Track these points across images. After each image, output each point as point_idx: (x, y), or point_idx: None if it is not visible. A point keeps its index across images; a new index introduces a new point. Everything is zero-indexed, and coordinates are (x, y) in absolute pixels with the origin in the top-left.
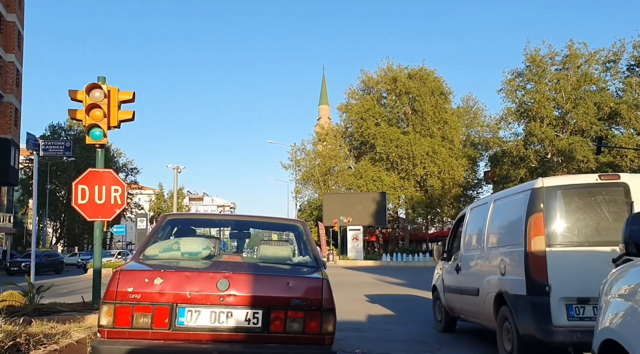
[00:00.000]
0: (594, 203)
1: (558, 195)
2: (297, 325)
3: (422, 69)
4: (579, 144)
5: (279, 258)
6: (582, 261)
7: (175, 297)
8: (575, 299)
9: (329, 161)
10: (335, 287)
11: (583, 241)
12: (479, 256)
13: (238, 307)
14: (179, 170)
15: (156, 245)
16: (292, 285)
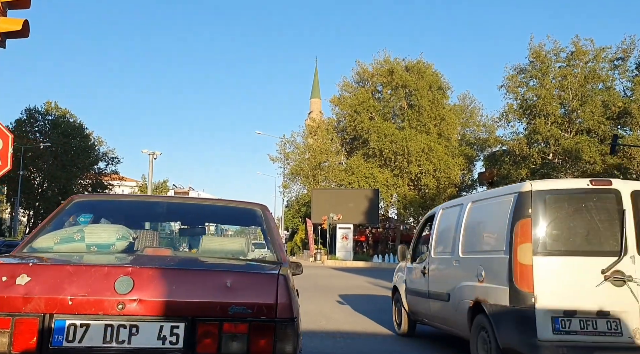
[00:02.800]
0: (585, 209)
1: (547, 200)
2: (239, 345)
3: (420, 62)
4: (586, 144)
5: (227, 252)
6: (570, 272)
7: (49, 303)
8: (562, 312)
9: (319, 155)
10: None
11: (572, 250)
12: (451, 260)
13: (146, 319)
14: (154, 156)
15: (51, 234)
16: (231, 285)
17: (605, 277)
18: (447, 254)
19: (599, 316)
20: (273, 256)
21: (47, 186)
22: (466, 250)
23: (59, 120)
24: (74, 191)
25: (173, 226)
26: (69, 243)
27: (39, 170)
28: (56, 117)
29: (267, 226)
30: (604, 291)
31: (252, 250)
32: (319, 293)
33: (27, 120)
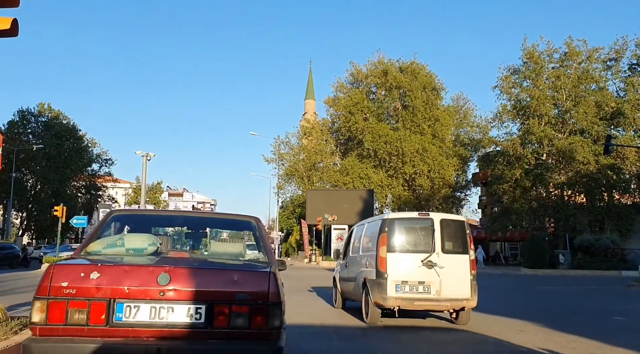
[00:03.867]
0: (414, 228)
1: (395, 223)
2: (242, 320)
3: (414, 63)
4: (580, 144)
5: (230, 255)
6: (405, 261)
7: (112, 292)
8: (400, 281)
9: (314, 156)
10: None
11: (406, 250)
12: (357, 257)
13: (179, 302)
14: (148, 157)
15: (99, 241)
16: (237, 279)
17: (422, 263)
18: (355, 253)
19: (419, 284)
20: (265, 257)
21: (40, 188)
22: (362, 251)
23: (52, 122)
24: (67, 193)
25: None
26: (113, 248)
27: (31, 172)
28: (49, 119)
29: (259, 234)
30: (422, 271)
31: (247, 251)
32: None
33: (20, 121)
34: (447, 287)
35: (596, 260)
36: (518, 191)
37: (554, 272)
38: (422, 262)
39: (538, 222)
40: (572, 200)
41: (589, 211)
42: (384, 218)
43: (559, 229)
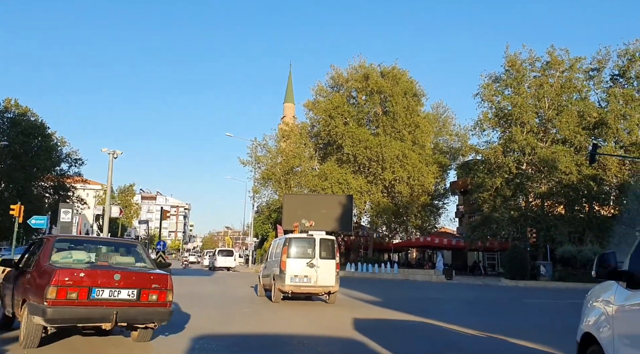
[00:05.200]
0: (303, 243)
1: (292, 240)
2: (155, 297)
3: (395, 68)
4: (562, 153)
5: (128, 263)
6: (296, 263)
7: (91, 283)
8: (294, 275)
9: (292, 159)
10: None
11: (297, 256)
12: (271, 262)
13: (124, 288)
14: (115, 155)
15: (57, 254)
16: (152, 277)
17: (307, 265)
18: (271, 259)
19: (304, 277)
20: (152, 266)
21: (4, 187)
22: (274, 257)
23: (19, 119)
24: (33, 193)
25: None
26: (66, 259)
27: None
28: (16, 115)
29: (142, 251)
30: (307, 269)
31: (135, 261)
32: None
33: None
34: (321, 279)
35: (578, 272)
36: (498, 200)
37: (535, 284)
38: (307, 264)
39: (518, 232)
40: (551, 210)
41: (570, 222)
42: (287, 237)
43: (539, 240)
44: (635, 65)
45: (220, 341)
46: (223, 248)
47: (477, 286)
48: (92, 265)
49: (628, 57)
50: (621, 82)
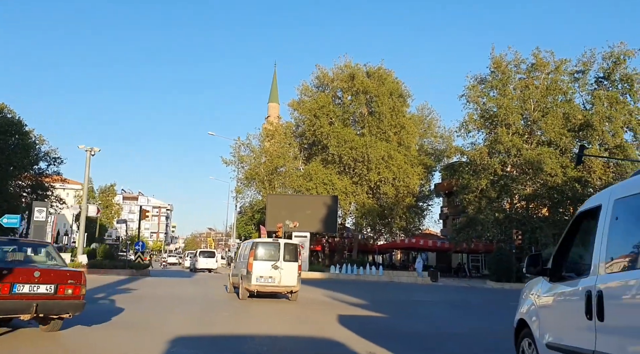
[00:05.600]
0: (269, 247)
1: (259, 244)
2: (71, 291)
3: (381, 69)
4: (547, 155)
5: (42, 262)
6: (262, 265)
7: (13, 279)
8: (260, 276)
9: (276, 159)
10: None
11: (263, 259)
12: (240, 263)
13: (43, 284)
14: (92, 152)
15: None
16: (69, 274)
17: (272, 267)
18: (239, 260)
19: (269, 277)
20: (63, 263)
21: None
22: (242, 259)
23: None
24: (9, 192)
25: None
26: None
27: None
28: None
29: (53, 250)
30: (271, 270)
31: (47, 259)
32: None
33: None
34: (284, 279)
35: None
36: (484, 201)
37: (521, 286)
38: (272, 266)
39: (503, 234)
40: (536, 212)
41: (555, 224)
42: (254, 241)
43: (524, 241)
44: (619, 67)
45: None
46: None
47: (463, 288)
48: (12, 263)
49: (613, 60)
50: (606, 85)
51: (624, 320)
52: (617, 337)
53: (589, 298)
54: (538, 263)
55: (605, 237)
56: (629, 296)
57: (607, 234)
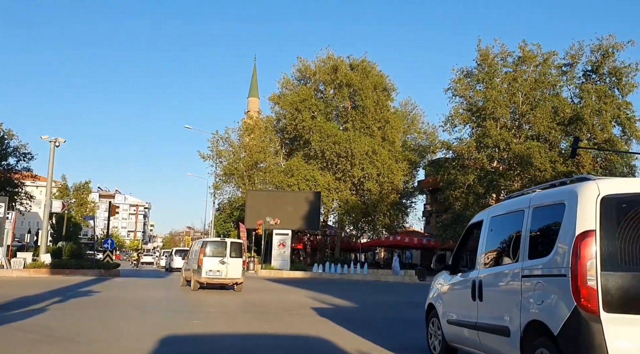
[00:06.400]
0: (217, 245)
1: (208, 242)
2: None
3: (365, 61)
4: (537, 149)
5: None
6: (211, 260)
7: None
8: (209, 270)
9: (256, 154)
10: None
11: (212, 255)
12: (192, 258)
13: None
14: (57, 143)
15: None
16: None
17: (219, 262)
18: (192, 256)
19: (217, 271)
20: None
21: None
22: (194, 255)
23: None
24: None
25: None
26: None
27: None
28: None
29: None
30: (219, 265)
31: None
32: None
33: None
34: (230, 273)
35: None
36: (471, 197)
37: None
38: (219, 261)
39: None
40: None
41: None
42: (204, 240)
43: None
44: (608, 61)
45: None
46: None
47: None
48: None
49: (601, 53)
50: (594, 78)
51: (492, 299)
52: (489, 310)
53: (474, 285)
54: (443, 261)
55: (484, 243)
56: (495, 283)
57: (485, 241)
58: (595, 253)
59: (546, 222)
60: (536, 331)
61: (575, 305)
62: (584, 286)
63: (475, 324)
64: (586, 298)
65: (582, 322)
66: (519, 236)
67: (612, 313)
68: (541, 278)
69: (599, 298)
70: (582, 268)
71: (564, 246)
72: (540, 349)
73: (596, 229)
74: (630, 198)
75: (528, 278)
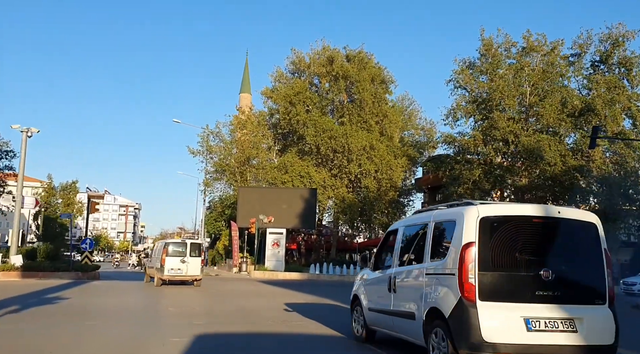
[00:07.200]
0: (179, 246)
1: (170, 243)
2: None
3: (362, 53)
4: (546, 142)
5: None
6: (173, 259)
7: None
8: (172, 268)
9: (248, 150)
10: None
11: (174, 255)
12: (155, 258)
13: None
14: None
15: None
16: None
17: (181, 261)
18: (155, 255)
19: (178, 269)
20: None
21: None
22: (157, 254)
23: None
24: None
25: None
26: None
27: None
28: None
29: None
30: (180, 263)
31: None
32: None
33: None
34: (190, 270)
35: None
36: (477, 194)
37: None
38: (181, 260)
39: None
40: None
41: None
42: (166, 241)
43: None
44: (618, 50)
45: None
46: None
47: None
48: None
49: (611, 42)
50: (602, 69)
51: (403, 291)
52: (400, 300)
53: (389, 280)
54: (367, 260)
55: (398, 247)
56: (405, 279)
57: (399, 245)
58: (475, 258)
59: (443, 234)
60: (434, 315)
61: (460, 296)
62: (467, 282)
63: (390, 310)
64: (468, 290)
65: (464, 308)
66: (424, 243)
67: (484, 301)
68: (438, 276)
69: (476, 291)
70: (466, 269)
71: (454, 253)
72: (436, 329)
73: (476, 241)
74: (499, 219)
75: (429, 275)
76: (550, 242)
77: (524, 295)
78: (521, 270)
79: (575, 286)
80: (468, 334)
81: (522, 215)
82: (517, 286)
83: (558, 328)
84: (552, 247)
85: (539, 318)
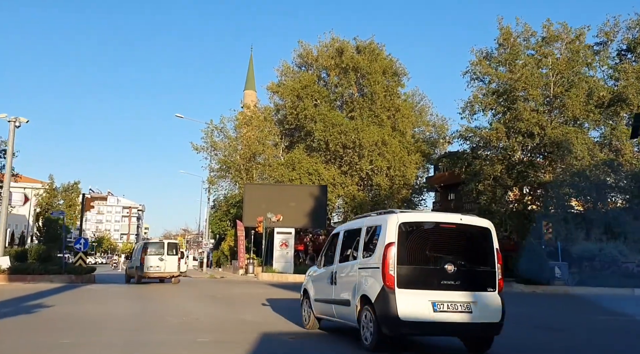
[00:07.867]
0: (157, 246)
1: (149, 243)
2: None
3: (372, 44)
4: (574, 135)
5: None
6: (152, 258)
7: None
8: (150, 266)
9: (254, 146)
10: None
11: (153, 254)
12: (136, 258)
13: None
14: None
15: None
16: None
17: (159, 259)
18: (135, 255)
19: (157, 266)
20: None
21: None
22: (137, 254)
23: None
24: None
25: None
26: None
27: None
28: None
29: None
30: (159, 261)
31: None
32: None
33: None
34: (168, 267)
35: (598, 274)
36: (499, 191)
37: (555, 289)
38: (159, 258)
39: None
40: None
41: (582, 217)
42: (144, 242)
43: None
44: None
45: None
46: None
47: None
48: None
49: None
50: (629, 58)
51: (342, 283)
52: (340, 290)
53: (332, 274)
54: (313, 259)
55: (339, 247)
56: (341, 273)
57: (340, 245)
58: (394, 255)
59: (372, 236)
60: (364, 301)
61: (383, 285)
62: (388, 273)
63: (331, 299)
64: (388, 280)
65: (386, 294)
66: (358, 243)
67: (401, 289)
68: (368, 269)
69: (395, 281)
70: (387, 263)
71: (379, 251)
72: (366, 312)
73: (395, 241)
74: (414, 224)
75: (362, 269)
76: (454, 242)
77: (432, 283)
78: (430, 264)
79: (472, 276)
80: (388, 314)
81: (432, 221)
82: (427, 277)
83: (457, 310)
84: (455, 246)
85: (443, 301)
